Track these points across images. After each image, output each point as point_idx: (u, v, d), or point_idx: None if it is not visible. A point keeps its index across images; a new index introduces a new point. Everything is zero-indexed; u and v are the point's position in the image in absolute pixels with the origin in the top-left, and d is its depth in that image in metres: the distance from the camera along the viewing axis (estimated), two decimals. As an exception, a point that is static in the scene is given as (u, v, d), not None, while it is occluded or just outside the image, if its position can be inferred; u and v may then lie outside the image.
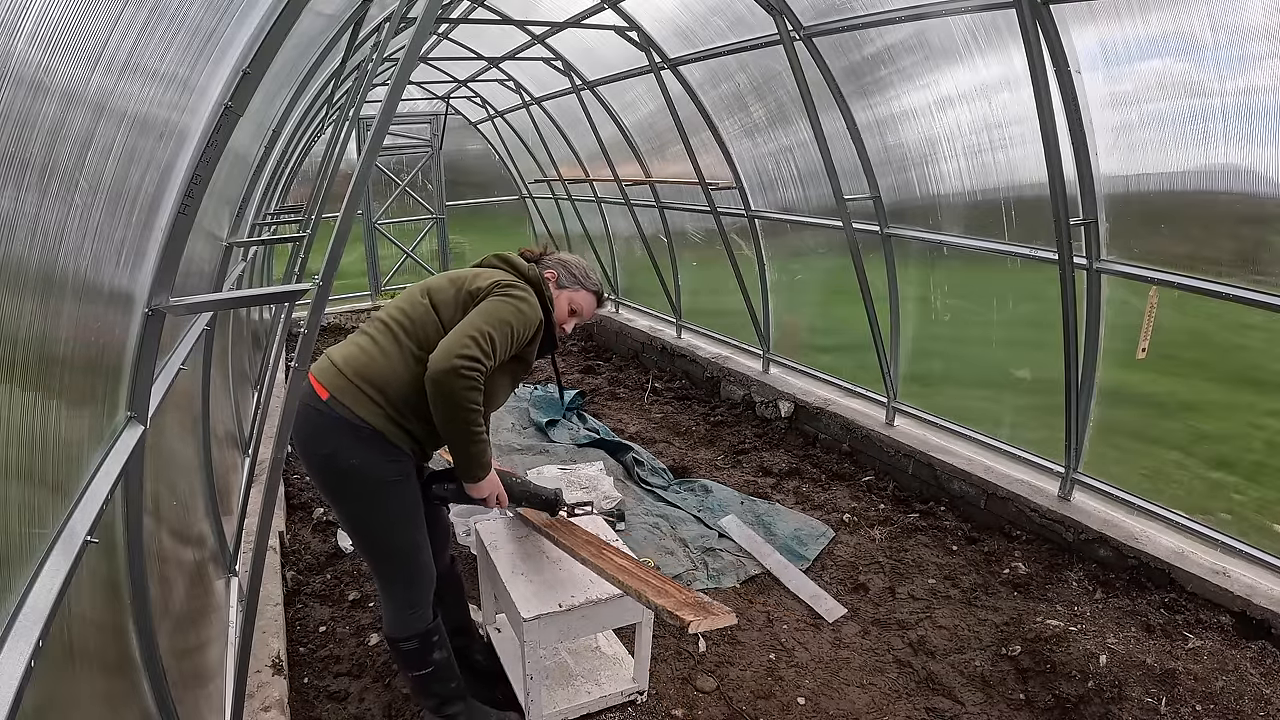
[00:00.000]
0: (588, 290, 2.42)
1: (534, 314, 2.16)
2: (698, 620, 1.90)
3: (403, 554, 2.18)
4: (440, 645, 2.31)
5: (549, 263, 2.43)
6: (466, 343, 1.97)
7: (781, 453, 4.74)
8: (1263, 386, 3.03)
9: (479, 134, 9.17)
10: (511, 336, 2.08)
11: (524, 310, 2.13)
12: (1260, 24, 2.42)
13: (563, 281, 2.39)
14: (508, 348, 2.09)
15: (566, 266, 2.42)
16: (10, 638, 0.79)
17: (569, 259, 2.45)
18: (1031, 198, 3.39)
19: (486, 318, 2.05)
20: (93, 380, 1.14)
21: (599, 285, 2.46)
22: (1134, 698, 2.49)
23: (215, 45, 1.38)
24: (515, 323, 2.09)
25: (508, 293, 2.13)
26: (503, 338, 2.05)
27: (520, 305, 2.12)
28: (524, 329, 2.13)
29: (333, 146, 4.77)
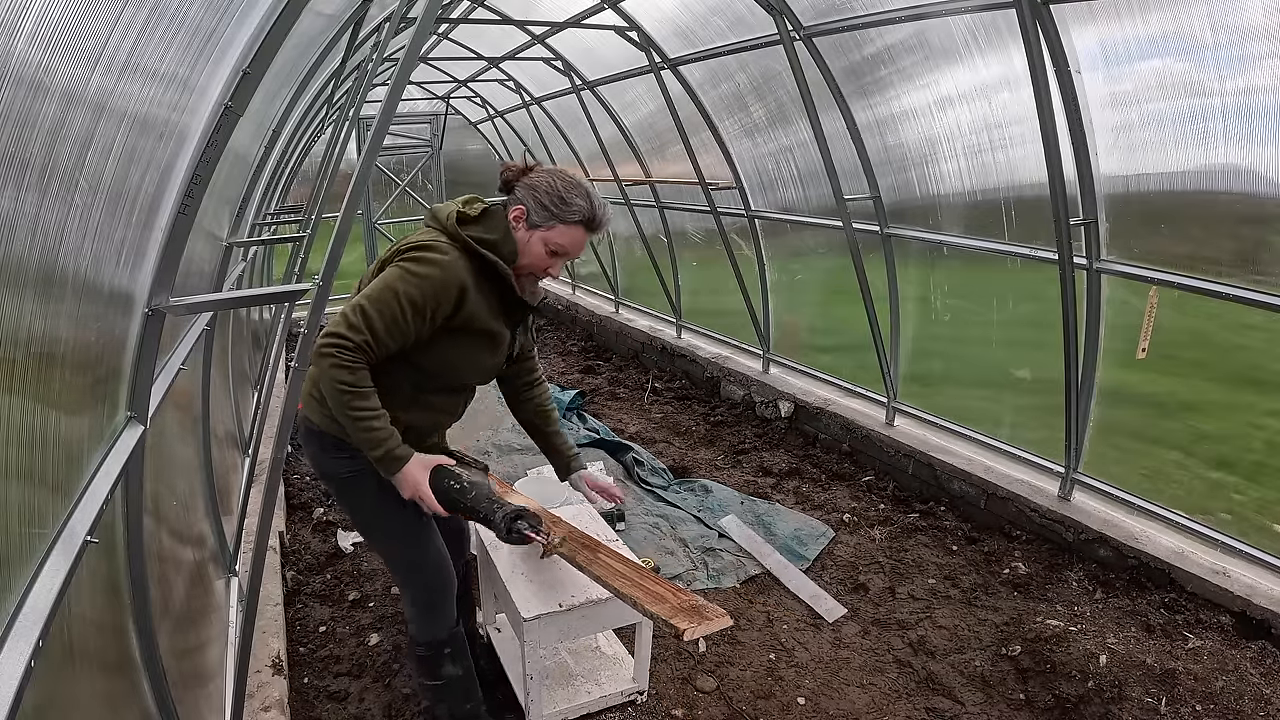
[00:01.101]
0: (567, 223, 1.91)
1: (443, 275, 1.82)
2: (692, 627, 1.87)
3: (400, 552, 2.11)
4: (454, 659, 2.20)
5: (519, 191, 1.96)
6: (336, 321, 1.80)
7: (781, 453, 4.74)
8: (1263, 386, 3.03)
9: (479, 134, 9.17)
10: (402, 307, 1.79)
11: (422, 274, 1.81)
12: (1260, 24, 2.42)
13: (533, 218, 1.92)
14: (401, 320, 1.80)
15: (535, 194, 1.91)
16: (10, 638, 0.79)
17: (539, 181, 1.93)
18: (1031, 198, 3.39)
19: (368, 292, 1.82)
20: (93, 380, 1.14)
21: (585, 210, 1.91)
22: (1134, 698, 2.49)
23: (215, 45, 1.38)
24: (405, 290, 1.79)
25: (407, 257, 1.85)
26: (385, 310, 1.78)
27: (417, 269, 1.81)
28: (427, 296, 1.81)
29: (333, 146, 4.77)
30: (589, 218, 1.93)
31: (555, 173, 1.96)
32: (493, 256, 1.90)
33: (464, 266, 1.86)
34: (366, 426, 1.81)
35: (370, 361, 1.81)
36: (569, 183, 1.93)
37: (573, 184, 1.93)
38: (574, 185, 1.93)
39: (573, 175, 1.96)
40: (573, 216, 1.92)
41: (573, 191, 1.91)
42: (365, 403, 1.79)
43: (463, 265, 1.86)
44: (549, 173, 1.96)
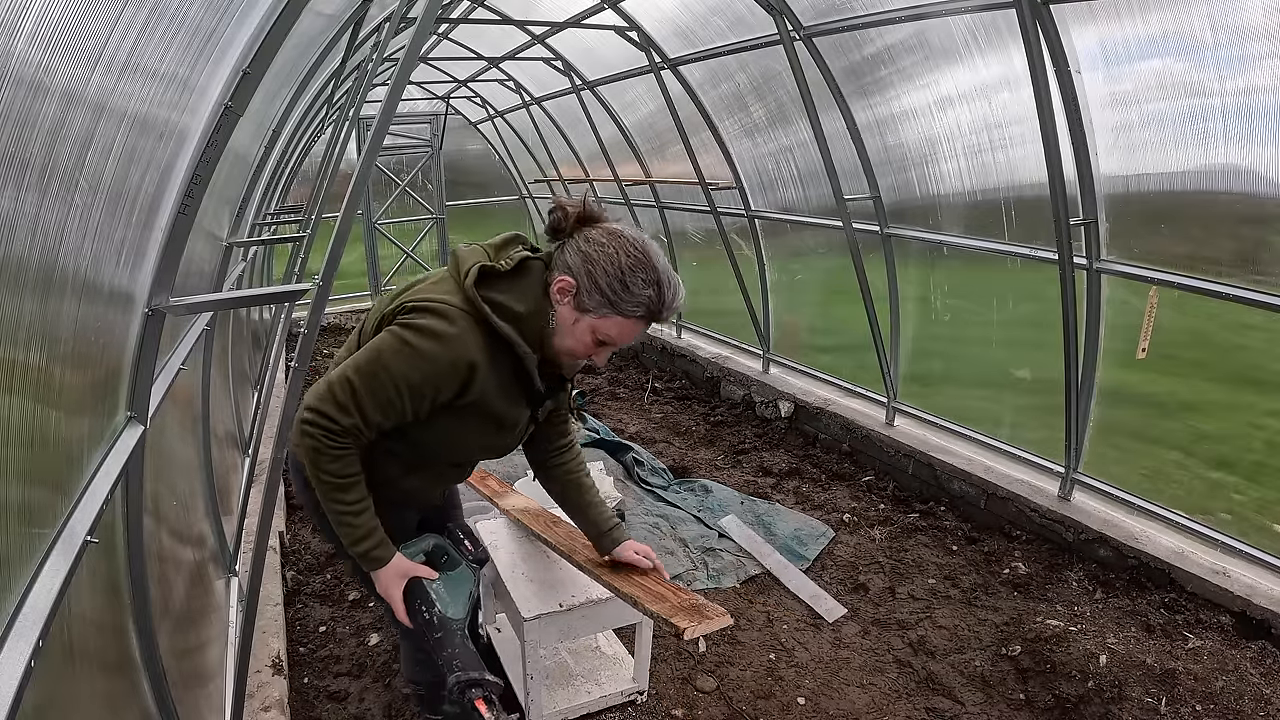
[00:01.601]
0: (626, 316, 1.52)
1: (448, 354, 1.48)
2: (692, 626, 1.85)
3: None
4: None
5: (571, 256, 1.53)
6: (321, 391, 1.51)
7: (781, 453, 4.74)
8: (1263, 386, 3.03)
9: (479, 134, 9.17)
10: (397, 389, 1.49)
11: (422, 350, 1.47)
12: (1260, 24, 2.42)
13: (584, 300, 1.52)
14: (396, 402, 1.51)
15: (592, 269, 1.50)
16: (10, 638, 0.79)
17: (600, 253, 1.50)
18: (1031, 198, 3.39)
19: (361, 361, 1.51)
20: (93, 380, 1.14)
21: (651, 302, 1.51)
22: (1134, 698, 2.49)
23: (215, 45, 1.38)
24: (401, 369, 1.48)
25: (408, 322, 1.50)
26: (377, 390, 1.49)
27: (417, 343, 1.48)
28: (427, 377, 1.49)
29: (333, 146, 4.78)
30: (653, 310, 1.52)
31: (621, 241, 1.52)
32: (512, 336, 1.54)
33: (476, 342, 1.51)
34: (347, 522, 1.58)
35: (360, 445, 1.55)
36: (636, 260, 1.50)
37: (641, 261, 1.50)
38: (642, 263, 1.50)
39: (641, 245, 1.52)
40: (634, 310, 1.51)
41: (639, 274, 1.49)
42: (348, 495, 1.56)
43: (475, 341, 1.51)
44: (613, 239, 1.52)
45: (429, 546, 1.78)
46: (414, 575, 1.68)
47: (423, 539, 1.79)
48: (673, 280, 1.55)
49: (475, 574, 1.81)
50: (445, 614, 1.68)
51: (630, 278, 1.50)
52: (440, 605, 1.69)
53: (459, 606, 1.72)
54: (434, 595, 1.69)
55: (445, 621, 1.68)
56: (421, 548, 1.76)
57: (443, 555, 1.78)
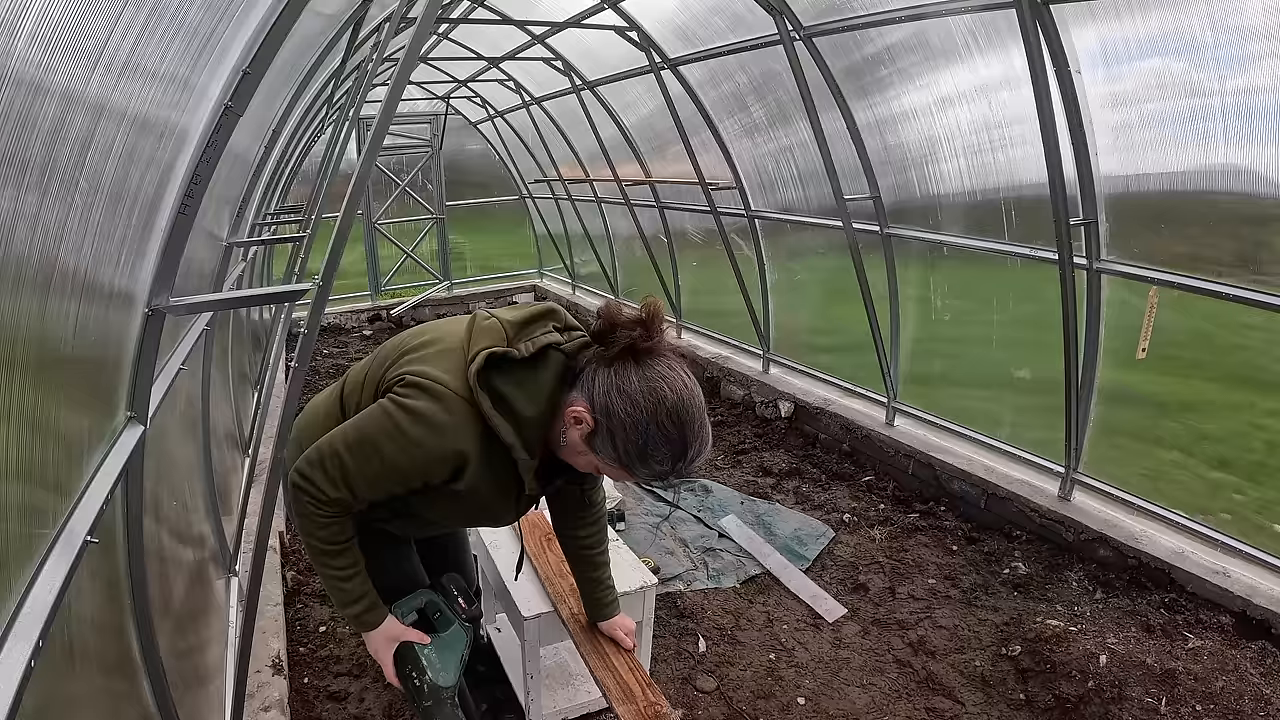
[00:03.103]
0: (634, 476, 1.41)
1: (439, 444, 1.38)
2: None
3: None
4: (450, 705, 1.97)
5: (599, 389, 1.36)
6: (314, 458, 1.45)
7: (781, 453, 4.74)
8: (1263, 386, 3.03)
9: (479, 134, 9.17)
10: (386, 469, 1.41)
11: (412, 436, 1.38)
12: (1260, 24, 2.42)
13: (599, 445, 1.39)
14: (385, 481, 1.44)
15: (613, 426, 1.35)
16: (10, 638, 0.79)
17: (635, 410, 1.33)
18: (1031, 198, 3.39)
19: (351, 432, 1.43)
20: (93, 380, 1.14)
21: (663, 471, 1.38)
22: (1134, 698, 2.49)
23: (215, 45, 1.38)
24: (390, 452, 1.40)
25: (401, 398, 1.40)
26: (365, 468, 1.42)
27: (407, 427, 1.38)
28: (416, 464, 1.41)
29: (333, 146, 4.78)
30: (664, 477, 1.41)
31: (659, 403, 1.32)
32: (510, 439, 1.41)
33: (471, 433, 1.40)
34: (336, 586, 1.56)
35: (351, 512, 1.51)
36: (666, 435, 1.33)
37: (669, 436, 1.33)
38: (669, 439, 1.34)
39: (678, 414, 1.33)
40: (644, 475, 1.40)
41: (664, 449, 1.34)
42: (337, 561, 1.53)
43: (470, 432, 1.40)
44: (651, 398, 1.32)
45: (421, 603, 1.74)
46: (405, 639, 1.64)
47: (415, 595, 1.74)
48: (697, 449, 1.37)
49: (469, 632, 1.75)
50: (436, 682, 1.64)
51: (653, 450, 1.35)
52: (431, 673, 1.64)
53: (450, 672, 1.67)
54: (425, 662, 1.65)
55: (436, 690, 1.64)
56: (414, 605, 1.72)
57: (436, 612, 1.74)
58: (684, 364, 1.40)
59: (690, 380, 1.38)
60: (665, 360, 1.37)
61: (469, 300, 9.15)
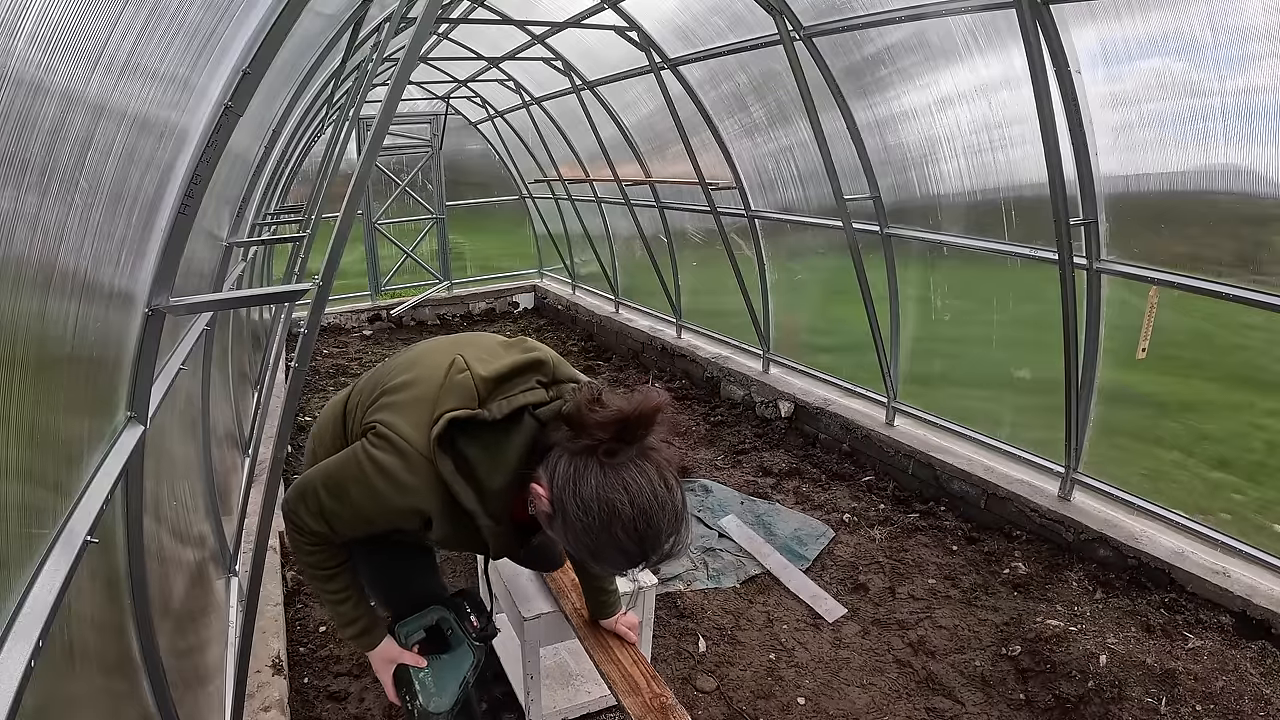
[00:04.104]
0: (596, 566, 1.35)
1: (401, 500, 1.36)
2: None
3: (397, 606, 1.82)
4: None
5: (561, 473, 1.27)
6: (300, 491, 1.48)
7: (781, 453, 4.74)
8: (1263, 386, 3.03)
9: (479, 134, 9.17)
10: (357, 515, 1.43)
11: (378, 488, 1.37)
12: (1260, 24, 2.42)
13: (558, 531, 1.29)
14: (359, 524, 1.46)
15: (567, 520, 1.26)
16: (10, 638, 0.79)
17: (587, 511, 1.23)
18: (1031, 198, 3.39)
19: (329, 469, 1.45)
20: (93, 380, 1.14)
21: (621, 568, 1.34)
22: (1134, 698, 2.49)
23: (215, 45, 1.38)
24: (359, 499, 1.40)
25: (369, 452, 1.38)
26: (341, 510, 1.43)
27: (374, 478, 1.37)
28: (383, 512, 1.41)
29: (333, 146, 4.78)
30: (624, 571, 1.40)
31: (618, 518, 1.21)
32: (472, 507, 1.35)
33: (433, 495, 1.36)
34: (331, 608, 1.60)
35: (334, 544, 1.54)
36: (620, 547, 1.23)
37: (625, 549, 1.24)
38: (625, 551, 1.24)
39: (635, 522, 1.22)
40: (602, 568, 1.38)
41: (615, 554, 1.25)
42: (329, 585, 1.56)
43: (431, 493, 1.36)
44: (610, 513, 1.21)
45: (432, 621, 1.72)
46: (400, 662, 1.65)
47: (427, 613, 1.72)
48: (659, 554, 1.26)
49: (476, 653, 1.73)
50: (426, 708, 1.63)
51: (605, 555, 1.26)
52: (423, 698, 1.64)
53: (444, 697, 1.65)
54: (419, 686, 1.65)
55: (425, 715, 1.63)
56: (423, 624, 1.71)
57: (448, 629, 1.73)
58: (663, 468, 1.26)
59: (663, 490, 1.24)
60: (638, 465, 1.24)
61: (469, 300, 9.15)
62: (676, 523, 1.26)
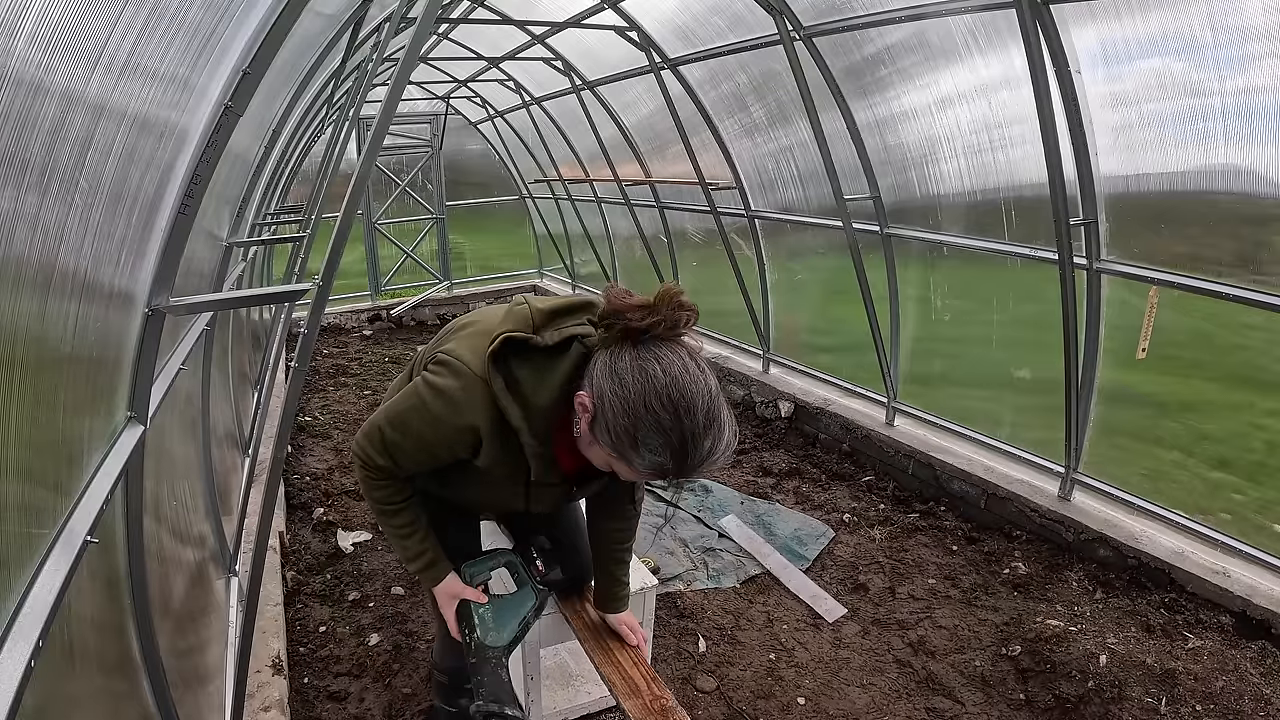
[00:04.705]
0: (631, 466, 1.33)
1: (453, 417, 1.44)
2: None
3: None
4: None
5: (599, 373, 1.32)
6: (368, 430, 1.59)
7: (781, 453, 4.74)
8: (1263, 386, 3.03)
9: (479, 134, 9.17)
10: (418, 440, 1.52)
11: (433, 409, 1.45)
12: (1260, 24, 2.42)
13: (598, 433, 1.34)
14: (419, 453, 1.54)
15: (604, 408, 1.30)
16: (10, 638, 0.79)
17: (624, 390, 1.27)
18: (1031, 198, 3.39)
19: (393, 407, 1.56)
20: (93, 380, 1.14)
21: (660, 464, 1.30)
22: (1134, 698, 2.49)
23: (215, 45, 1.38)
24: (417, 424, 1.49)
25: (427, 377, 1.49)
26: (403, 438, 1.53)
27: (430, 401, 1.45)
28: (441, 436, 1.48)
29: (333, 146, 4.78)
30: (665, 473, 1.32)
31: (649, 385, 1.26)
32: (518, 423, 1.43)
33: (483, 411, 1.43)
34: (398, 543, 1.71)
35: (400, 478, 1.63)
36: (656, 419, 1.26)
37: (659, 423, 1.26)
38: (660, 425, 1.26)
39: (671, 398, 1.26)
40: (642, 467, 1.32)
41: (655, 436, 1.26)
42: (395, 520, 1.67)
43: (481, 410, 1.43)
44: (641, 380, 1.27)
45: (500, 564, 1.83)
46: (462, 598, 1.75)
47: (494, 555, 1.84)
48: (702, 439, 1.28)
49: (539, 596, 1.81)
50: (484, 641, 1.72)
51: (644, 436, 1.27)
52: (480, 632, 1.73)
53: (503, 633, 1.74)
54: (477, 620, 1.74)
55: (481, 649, 1.72)
56: (490, 566, 1.82)
57: (514, 571, 1.83)
58: (694, 352, 1.35)
59: (695, 368, 1.31)
60: (668, 345, 1.33)
61: (469, 300, 9.15)
62: (712, 404, 1.30)
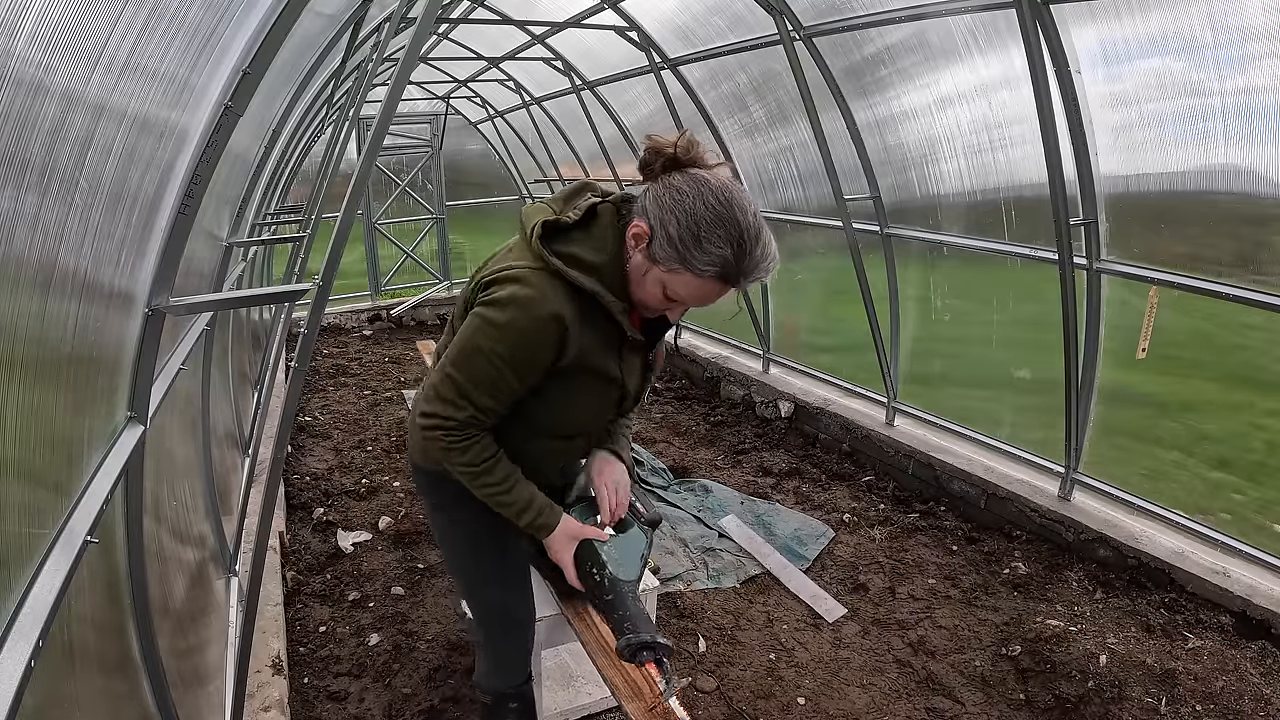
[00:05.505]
0: (696, 274, 1.37)
1: (532, 320, 1.42)
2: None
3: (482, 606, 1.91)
4: (518, 715, 2.01)
5: (650, 201, 1.41)
6: (428, 394, 1.53)
7: (781, 453, 4.74)
8: (1263, 386, 3.03)
9: (479, 134, 9.17)
10: (496, 368, 1.46)
11: (506, 323, 1.43)
12: (1260, 24, 2.42)
13: (656, 249, 1.39)
14: (501, 382, 1.48)
15: (665, 216, 1.37)
16: (10, 638, 0.79)
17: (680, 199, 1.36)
18: (1031, 198, 3.39)
19: (453, 354, 1.50)
20: (93, 380, 1.14)
21: (726, 263, 1.36)
22: (1134, 698, 2.49)
23: (215, 45, 1.38)
24: (492, 349, 1.44)
25: (485, 300, 1.47)
26: (478, 375, 1.47)
27: (498, 317, 1.43)
28: (519, 348, 1.45)
29: (333, 146, 4.78)
30: (729, 273, 1.36)
31: (704, 189, 1.36)
32: (593, 287, 1.45)
33: (559, 297, 1.43)
34: (502, 502, 1.60)
35: (485, 428, 1.55)
36: (716, 213, 1.34)
37: (720, 215, 1.34)
38: (721, 218, 1.34)
39: (727, 197, 1.36)
40: (706, 269, 1.36)
41: (717, 230, 1.34)
42: (491, 477, 1.57)
43: (556, 295, 1.43)
44: (696, 186, 1.36)
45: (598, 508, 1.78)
46: (584, 537, 1.67)
47: (589, 500, 1.78)
48: (758, 240, 1.38)
49: (648, 535, 1.78)
50: (616, 575, 1.65)
51: (706, 231, 1.34)
52: (611, 567, 1.66)
53: (631, 568, 1.69)
54: (605, 557, 1.66)
55: (616, 583, 1.65)
56: (594, 509, 1.76)
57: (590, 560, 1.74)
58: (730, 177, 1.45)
59: (735, 182, 1.43)
60: (709, 167, 1.43)
61: (469, 300, 9.13)
62: (758, 213, 1.42)
